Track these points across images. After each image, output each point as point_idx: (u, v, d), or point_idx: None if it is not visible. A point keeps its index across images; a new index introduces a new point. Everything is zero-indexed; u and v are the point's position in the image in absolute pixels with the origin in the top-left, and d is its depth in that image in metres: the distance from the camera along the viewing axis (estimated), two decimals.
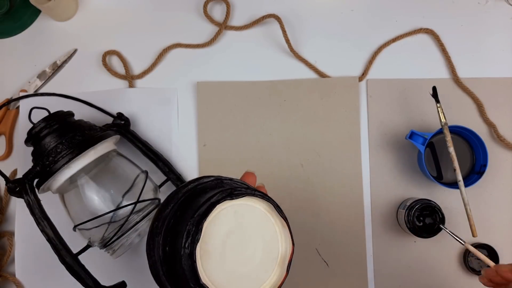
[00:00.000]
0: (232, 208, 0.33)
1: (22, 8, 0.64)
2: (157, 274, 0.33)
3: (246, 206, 0.33)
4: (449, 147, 0.53)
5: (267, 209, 0.34)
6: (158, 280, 0.33)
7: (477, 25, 0.63)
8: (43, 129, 0.49)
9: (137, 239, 0.51)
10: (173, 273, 0.32)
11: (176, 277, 0.32)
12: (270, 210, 0.34)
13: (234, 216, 0.33)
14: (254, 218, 0.34)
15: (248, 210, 0.33)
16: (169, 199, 0.35)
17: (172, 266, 0.32)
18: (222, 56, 0.63)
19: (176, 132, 0.61)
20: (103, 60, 0.63)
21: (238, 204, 0.33)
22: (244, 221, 0.33)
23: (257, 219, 0.34)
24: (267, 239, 0.34)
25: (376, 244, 0.58)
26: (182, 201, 0.34)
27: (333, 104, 0.61)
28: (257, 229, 0.34)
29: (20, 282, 0.58)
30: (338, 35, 0.63)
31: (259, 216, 0.34)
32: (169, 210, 0.34)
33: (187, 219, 0.31)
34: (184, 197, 0.35)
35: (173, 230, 0.33)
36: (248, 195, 0.33)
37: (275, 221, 0.34)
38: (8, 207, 0.61)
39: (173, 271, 0.32)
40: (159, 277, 0.32)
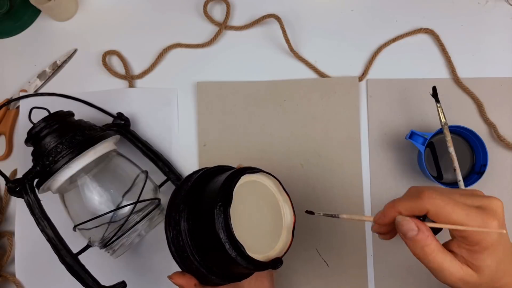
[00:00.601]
0: (248, 182, 0.39)
1: (22, 8, 0.64)
2: (179, 244, 0.39)
3: (257, 182, 0.41)
4: (449, 147, 0.53)
5: (273, 185, 0.42)
6: (181, 248, 0.39)
7: (477, 25, 0.63)
8: (43, 129, 0.49)
9: (137, 239, 0.51)
10: (198, 240, 0.38)
11: (203, 241, 0.38)
12: (274, 186, 0.42)
13: (249, 188, 0.39)
14: (264, 192, 0.41)
15: (259, 185, 0.41)
16: (183, 184, 0.41)
17: (198, 233, 0.38)
18: (222, 56, 0.63)
19: (176, 132, 0.61)
20: (103, 60, 0.63)
21: (252, 180, 0.40)
22: (256, 194, 0.40)
23: (266, 192, 0.41)
24: (274, 209, 0.41)
25: (376, 244, 0.58)
26: (198, 182, 0.41)
27: (333, 104, 0.61)
28: (266, 200, 0.41)
29: (20, 282, 0.58)
30: (338, 35, 0.63)
31: (267, 190, 0.41)
32: (188, 188, 0.40)
33: (214, 191, 0.37)
34: (199, 179, 0.41)
35: (197, 204, 0.39)
36: (261, 171, 0.40)
37: (280, 195, 0.42)
38: (8, 207, 0.61)
39: (199, 238, 0.38)
40: (183, 246, 0.38)
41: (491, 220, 0.32)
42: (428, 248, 0.33)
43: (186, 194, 0.40)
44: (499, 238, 0.32)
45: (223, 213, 0.35)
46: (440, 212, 0.32)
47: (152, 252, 0.59)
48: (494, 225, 0.32)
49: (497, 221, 0.32)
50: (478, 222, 0.32)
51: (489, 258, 0.33)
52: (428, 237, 0.33)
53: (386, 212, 0.35)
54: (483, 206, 0.33)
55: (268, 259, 0.39)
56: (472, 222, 0.32)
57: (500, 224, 0.32)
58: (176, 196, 0.41)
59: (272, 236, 0.40)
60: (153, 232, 0.57)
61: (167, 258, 0.58)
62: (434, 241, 0.33)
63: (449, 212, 0.32)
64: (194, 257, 0.39)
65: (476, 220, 0.32)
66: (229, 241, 0.35)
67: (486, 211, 0.33)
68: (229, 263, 0.37)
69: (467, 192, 0.35)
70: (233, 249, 0.35)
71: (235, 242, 0.35)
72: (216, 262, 0.39)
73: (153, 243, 0.59)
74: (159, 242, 0.59)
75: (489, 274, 0.33)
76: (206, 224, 0.36)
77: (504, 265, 0.34)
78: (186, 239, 0.39)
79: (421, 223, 0.34)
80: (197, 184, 0.41)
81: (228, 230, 0.35)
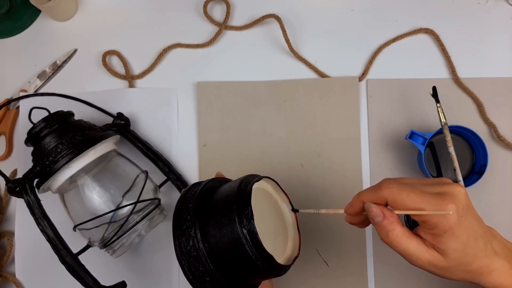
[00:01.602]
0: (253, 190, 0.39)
1: (22, 8, 0.64)
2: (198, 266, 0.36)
3: (258, 188, 0.40)
4: (449, 147, 0.53)
5: (270, 187, 0.42)
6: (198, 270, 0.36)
7: (477, 25, 0.63)
8: (43, 129, 0.49)
9: (137, 239, 0.51)
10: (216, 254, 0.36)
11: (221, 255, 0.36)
12: (272, 188, 0.42)
13: (255, 195, 0.38)
14: (264, 195, 0.41)
15: (260, 190, 0.40)
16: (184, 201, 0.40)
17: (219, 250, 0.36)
18: (222, 56, 0.63)
19: (176, 132, 0.61)
20: (103, 60, 0.63)
21: (255, 188, 0.39)
22: (260, 199, 0.39)
23: (266, 196, 0.41)
24: (276, 210, 0.42)
25: (376, 244, 0.58)
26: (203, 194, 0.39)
27: (333, 104, 0.61)
28: (268, 204, 0.41)
29: (20, 282, 0.58)
30: (338, 35, 0.63)
31: (266, 193, 0.42)
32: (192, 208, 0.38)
33: (227, 206, 0.36)
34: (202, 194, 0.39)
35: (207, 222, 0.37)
36: (264, 177, 0.40)
37: (278, 195, 0.43)
38: (8, 207, 0.61)
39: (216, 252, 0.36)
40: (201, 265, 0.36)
41: (446, 203, 0.33)
42: (392, 234, 0.35)
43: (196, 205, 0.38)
44: (457, 221, 0.33)
45: (249, 231, 0.35)
46: (396, 199, 0.34)
47: (152, 252, 0.59)
48: (450, 208, 0.33)
49: (453, 205, 0.33)
50: (433, 206, 0.33)
51: (452, 241, 0.34)
52: (392, 223, 0.35)
53: (353, 203, 0.37)
54: (443, 192, 0.34)
55: (286, 259, 0.39)
56: (427, 207, 0.33)
57: (458, 209, 0.33)
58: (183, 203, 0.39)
59: (282, 236, 0.41)
60: (153, 232, 0.57)
61: (167, 258, 0.59)
62: (398, 226, 0.35)
63: (403, 198, 0.34)
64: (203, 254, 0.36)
65: (431, 204, 0.33)
66: (258, 254, 0.35)
67: (443, 196, 0.34)
68: (250, 273, 0.36)
69: (432, 181, 0.36)
70: (262, 260, 0.35)
71: (265, 254, 0.35)
72: (231, 273, 0.37)
73: (153, 243, 0.59)
74: (159, 242, 0.59)
75: (456, 257, 0.35)
76: (225, 227, 0.35)
77: (472, 249, 0.35)
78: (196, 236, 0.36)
79: (387, 210, 0.35)
80: (204, 196, 0.39)
81: (256, 242, 0.34)
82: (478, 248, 0.35)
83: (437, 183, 0.36)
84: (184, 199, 0.40)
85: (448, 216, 0.33)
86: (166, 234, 0.59)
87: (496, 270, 0.36)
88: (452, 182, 0.36)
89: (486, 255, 0.36)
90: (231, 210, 0.35)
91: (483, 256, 0.35)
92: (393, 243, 0.35)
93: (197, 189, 0.40)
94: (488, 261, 0.36)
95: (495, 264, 0.36)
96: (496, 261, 0.36)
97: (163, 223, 0.55)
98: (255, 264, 0.35)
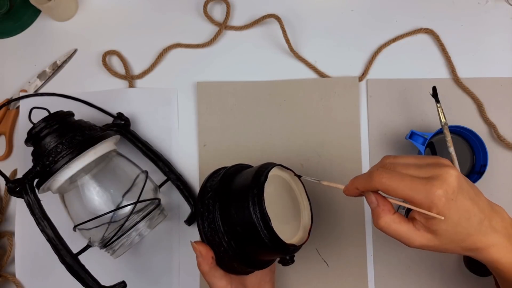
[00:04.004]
0: (277, 176, 0.43)
1: (22, 8, 0.64)
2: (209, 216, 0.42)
3: (284, 179, 0.44)
4: (449, 147, 0.53)
5: (295, 187, 0.45)
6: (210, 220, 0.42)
7: (477, 25, 0.63)
8: (43, 129, 0.49)
9: (137, 239, 0.51)
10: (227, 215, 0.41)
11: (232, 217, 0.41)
12: (297, 188, 0.45)
13: (277, 182, 0.43)
14: (288, 189, 0.45)
15: (285, 182, 0.44)
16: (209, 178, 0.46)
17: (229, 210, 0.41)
18: (222, 56, 0.63)
19: (176, 132, 0.61)
20: (103, 60, 0.63)
21: (280, 176, 0.44)
22: (282, 189, 0.44)
23: (290, 191, 0.45)
24: (295, 208, 0.44)
25: (376, 244, 0.58)
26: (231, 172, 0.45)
27: (333, 104, 0.61)
28: (289, 198, 0.44)
29: (20, 282, 0.58)
30: (338, 35, 0.63)
31: (291, 189, 0.45)
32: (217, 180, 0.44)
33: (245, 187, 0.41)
34: (234, 169, 0.46)
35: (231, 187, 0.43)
36: (291, 171, 0.45)
37: (301, 196, 0.45)
38: (8, 207, 0.61)
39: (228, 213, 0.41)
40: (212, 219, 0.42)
41: (434, 190, 0.34)
42: (381, 220, 0.37)
43: (222, 177, 0.44)
44: (446, 204, 0.34)
45: (258, 188, 0.39)
46: (387, 189, 0.36)
47: (152, 252, 0.59)
48: (439, 194, 0.34)
49: (442, 190, 0.34)
50: (421, 194, 0.34)
51: (441, 223, 0.35)
52: (383, 210, 0.37)
53: (348, 187, 0.40)
54: (433, 176, 0.35)
55: (295, 243, 0.42)
56: (416, 195, 0.35)
57: (447, 193, 0.34)
58: (211, 178, 0.46)
59: (290, 229, 0.43)
60: (153, 232, 0.57)
61: (167, 258, 0.59)
62: (389, 214, 0.37)
63: (394, 188, 0.35)
64: (219, 228, 0.41)
65: (419, 192, 0.34)
66: (259, 213, 0.39)
67: (432, 182, 0.35)
68: (252, 239, 0.40)
69: (427, 161, 0.37)
70: (261, 221, 0.39)
71: (264, 215, 0.38)
72: (239, 239, 0.41)
73: (153, 243, 0.59)
74: (159, 242, 0.59)
75: (448, 236, 0.36)
76: (239, 198, 0.40)
77: (463, 227, 0.36)
78: (216, 211, 0.42)
79: (381, 198, 0.38)
80: (232, 172, 0.45)
81: (260, 204, 0.39)
82: (471, 226, 0.36)
83: (431, 164, 0.36)
84: (210, 177, 0.46)
85: (435, 200, 0.34)
86: (166, 234, 0.59)
87: (493, 246, 0.37)
88: (446, 164, 0.36)
89: (480, 232, 0.37)
90: (247, 191, 0.40)
91: (477, 233, 0.36)
92: (383, 228, 0.37)
93: (222, 172, 0.45)
94: (483, 238, 0.37)
95: (492, 240, 0.37)
96: (493, 238, 0.37)
97: (163, 223, 0.55)
98: (263, 241, 0.39)
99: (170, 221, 0.59)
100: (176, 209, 0.59)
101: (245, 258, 0.42)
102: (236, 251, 0.42)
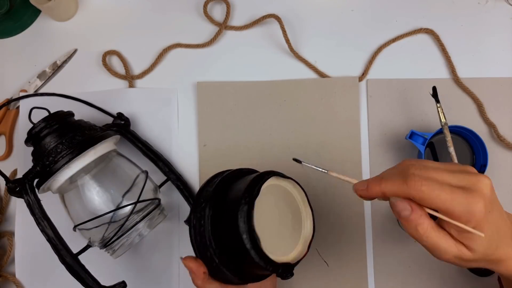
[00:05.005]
0: (275, 186, 0.41)
1: (22, 8, 0.64)
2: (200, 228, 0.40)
3: (283, 188, 0.42)
4: (449, 147, 0.53)
5: (298, 195, 0.42)
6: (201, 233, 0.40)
7: (477, 25, 0.63)
8: (43, 129, 0.49)
9: (137, 239, 0.51)
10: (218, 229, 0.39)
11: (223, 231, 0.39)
12: (299, 196, 0.42)
13: (276, 192, 0.41)
14: (288, 199, 0.42)
15: (285, 191, 0.42)
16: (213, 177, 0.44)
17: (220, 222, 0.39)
18: (222, 56, 0.63)
19: (176, 132, 0.61)
20: (103, 60, 0.63)
21: (279, 185, 0.41)
22: (281, 198, 0.41)
23: (290, 200, 0.42)
24: (296, 218, 0.42)
25: (376, 244, 0.58)
26: (229, 177, 0.43)
27: (333, 104, 0.61)
28: (289, 208, 0.42)
29: (20, 282, 0.58)
30: (338, 35, 0.63)
31: (291, 198, 0.42)
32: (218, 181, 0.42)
33: (242, 186, 0.39)
34: (231, 175, 0.43)
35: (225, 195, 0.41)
36: (291, 179, 0.42)
37: (303, 206, 0.42)
38: (8, 207, 0.61)
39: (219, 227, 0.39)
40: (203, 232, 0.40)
41: (476, 201, 0.32)
42: (421, 228, 0.34)
43: (216, 186, 0.42)
44: (485, 218, 0.32)
45: (247, 204, 0.37)
46: (425, 198, 0.32)
47: (152, 252, 0.59)
48: (480, 207, 0.32)
49: (482, 202, 0.32)
50: (463, 206, 0.32)
51: (478, 237, 0.33)
52: (421, 216, 0.33)
53: (371, 189, 0.35)
54: (469, 186, 0.33)
55: (291, 259, 0.40)
56: (457, 207, 0.32)
57: (486, 204, 0.32)
58: (206, 186, 0.43)
59: (289, 242, 0.41)
60: (153, 232, 0.57)
61: (167, 258, 0.59)
62: (427, 220, 0.34)
63: (433, 198, 0.32)
64: (210, 243, 0.40)
65: (461, 204, 0.32)
66: (247, 232, 0.36)
67: (472, 193, 0.32)
68: (242, 257, 0.38)
69: (456, 169, 0.35)
70: (249, 240, 0.36)
71: (253, 233, 0.36)
72: (230, 254, 0.40)
73: (153, 243, 0.59)
74: (159, 242, 0.59)
75: (481, 251, 0.34)
76: (229, 213, 0.38)
77: (495, 240, 0.34)
78: (207, 224, 0.40)
79: (414, 203, 0.34)
80: (228, 179, 0.43)
81: (249, 221, 0.36)
82: (500, 239, 0.35)
83: (463, 171, 0.34)
84: (206, 184, 0.44)
85: (475, 214, 0.32)
86: (166, 234, 0.59)
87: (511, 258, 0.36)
88: (477, 173, 0.34)
89: (507, 244, 0.35)
90: (237, 207, 0.37)
91: (505, 246, 0.35)
92: (422, 237, 0.34)
93: (217, 180, 0.43)
94: (508, 250, 0.35)
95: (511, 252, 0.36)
96: None
97: (163, 223, 0.55)
98: (254, 261, 0.37)
99: (170, 221, 0.59)
100: (176, 209, 0.59)
101: (240, 272, 0.41)
102: (230, 266, 0.40)
